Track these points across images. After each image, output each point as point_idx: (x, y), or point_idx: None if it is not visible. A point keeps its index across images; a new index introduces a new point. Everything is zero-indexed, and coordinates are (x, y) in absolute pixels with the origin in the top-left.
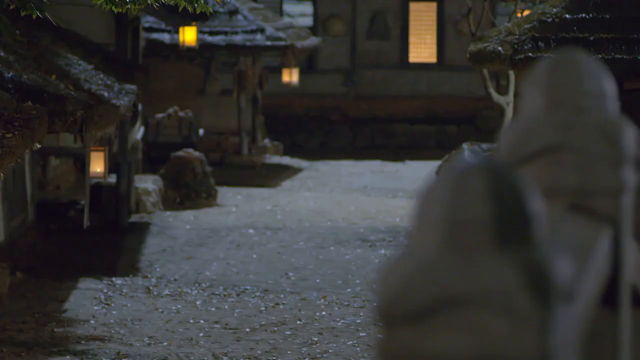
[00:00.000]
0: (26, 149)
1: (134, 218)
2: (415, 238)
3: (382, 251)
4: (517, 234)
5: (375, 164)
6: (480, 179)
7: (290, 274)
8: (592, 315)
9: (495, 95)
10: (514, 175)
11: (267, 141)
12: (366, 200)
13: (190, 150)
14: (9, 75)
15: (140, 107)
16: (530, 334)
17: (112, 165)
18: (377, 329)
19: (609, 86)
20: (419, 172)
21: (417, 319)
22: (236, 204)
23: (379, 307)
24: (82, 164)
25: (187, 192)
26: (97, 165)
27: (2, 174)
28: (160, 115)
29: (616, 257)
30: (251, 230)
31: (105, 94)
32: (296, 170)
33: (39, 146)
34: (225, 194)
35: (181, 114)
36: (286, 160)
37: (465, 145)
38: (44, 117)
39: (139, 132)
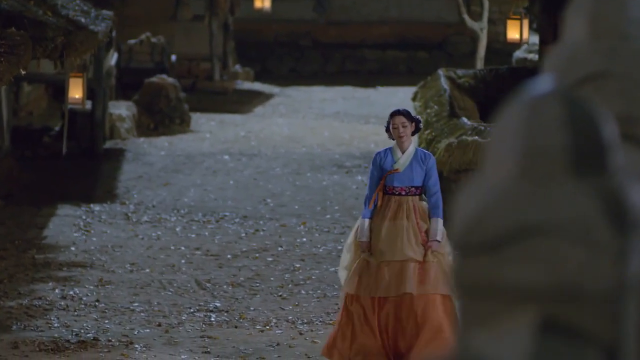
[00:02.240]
0: (12, 76)
1: (108, 144)
2: (489, 166)
3: (359, 177)
4: (593, 162)
5: (347, 90)
6: (556, 106)
7: (268, 200)
8: None
9: (469, 21)
10: (589, 103)
11: (238, 67)
12: (339, 126)
13: (164, 76)
14: None
15: (113, 33)
16: (607, 263)
17: (87, 92)
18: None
19: None
20: (390, 98)
21: (493, 248)
22: (210, 130)
23: (454, 236)
24: (54, 90)
25: (161, 118)
26: (76, 91)
27: None
28: (132, 41)
29: None
30: (226, 157)
31: (83, 20)
32: (268, 96)
33: (23, 73)
34: (198, 120)
35: (154, 40)
36: (257, 86)
37: (440, 71)
38: (28, 43)
39: (112, 58)
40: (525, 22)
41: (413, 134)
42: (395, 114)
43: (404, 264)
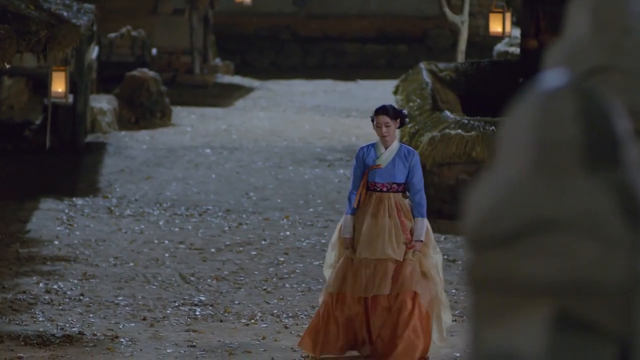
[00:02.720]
0: None
1: (89, 138)
2: (502, 160)
3: (341, 171)
4: (607, 156)
5: (327, 84)
6: (570, 100)
7: (251, 193)
8: None
9: (450, 15)
10: (603, 97)
11: (218, 60)
12: (320, 120)
13: (145, 69)
14: None
15: (95, 26)
16: (621, 257)
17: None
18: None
19: None
20: (371, 91)
21: (506, 242)
22: (191, 123)
23: (468, 231)
24: (35, 83)
25: (142, 112)
26: (59, 85)
27: None
28: (113, 35)
29: None
30: (208, 150)
31: (65, 13)
32: (248, 90)
33: (8, 67)
34: (179, 113)
35: (134, 33)
36: (237, 79)
37: (422, 65)
38: (13, 36)
39: (93, 52)
40: (508, 16)
41: (400, 127)
42: (379, 112)
43: (383, 263)
